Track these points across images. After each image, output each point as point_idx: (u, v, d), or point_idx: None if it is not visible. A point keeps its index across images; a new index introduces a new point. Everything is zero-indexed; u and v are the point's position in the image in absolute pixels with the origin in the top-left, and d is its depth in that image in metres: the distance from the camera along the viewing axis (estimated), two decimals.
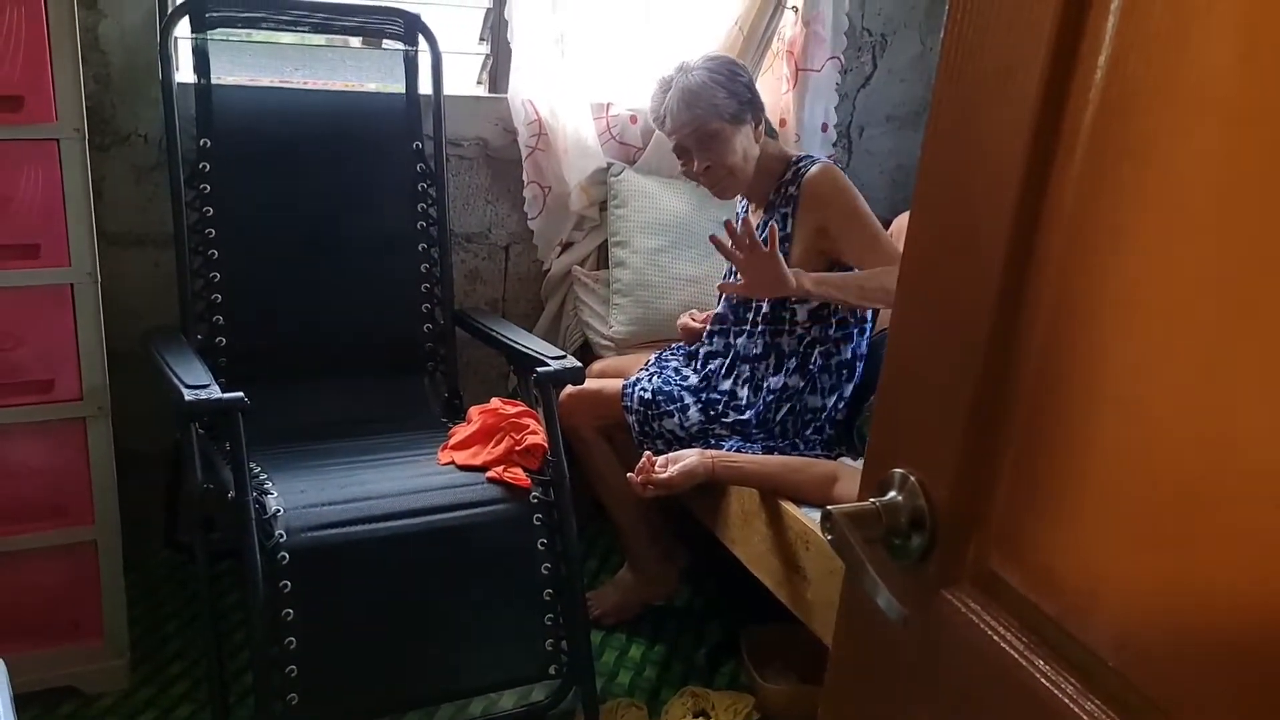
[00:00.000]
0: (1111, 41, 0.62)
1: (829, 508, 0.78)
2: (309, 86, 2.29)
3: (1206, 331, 0.57)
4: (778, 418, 2.05)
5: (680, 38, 2.52)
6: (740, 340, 2.12)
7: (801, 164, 2.03)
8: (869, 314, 2.06)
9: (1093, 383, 0.65)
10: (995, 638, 0.72)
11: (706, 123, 1.98)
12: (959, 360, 0.74)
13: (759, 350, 2.09)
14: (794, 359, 2.05)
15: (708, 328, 2.21)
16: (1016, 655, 0.70)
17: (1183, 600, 0.60)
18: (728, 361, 2.14)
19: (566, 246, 2.59)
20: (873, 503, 0.80)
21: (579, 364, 2.02)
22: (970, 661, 0.75)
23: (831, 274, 1.98)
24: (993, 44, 0.71)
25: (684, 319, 2.32)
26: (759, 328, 2.08)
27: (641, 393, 2.11)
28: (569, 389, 2.11)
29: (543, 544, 1.90)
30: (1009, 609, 0.73)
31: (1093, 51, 0.64)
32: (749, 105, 2.02)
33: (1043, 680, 0.68)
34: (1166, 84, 0.59)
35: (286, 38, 2.28)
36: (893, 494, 0.80)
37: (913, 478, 0.79)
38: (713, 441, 2.06)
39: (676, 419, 2.08)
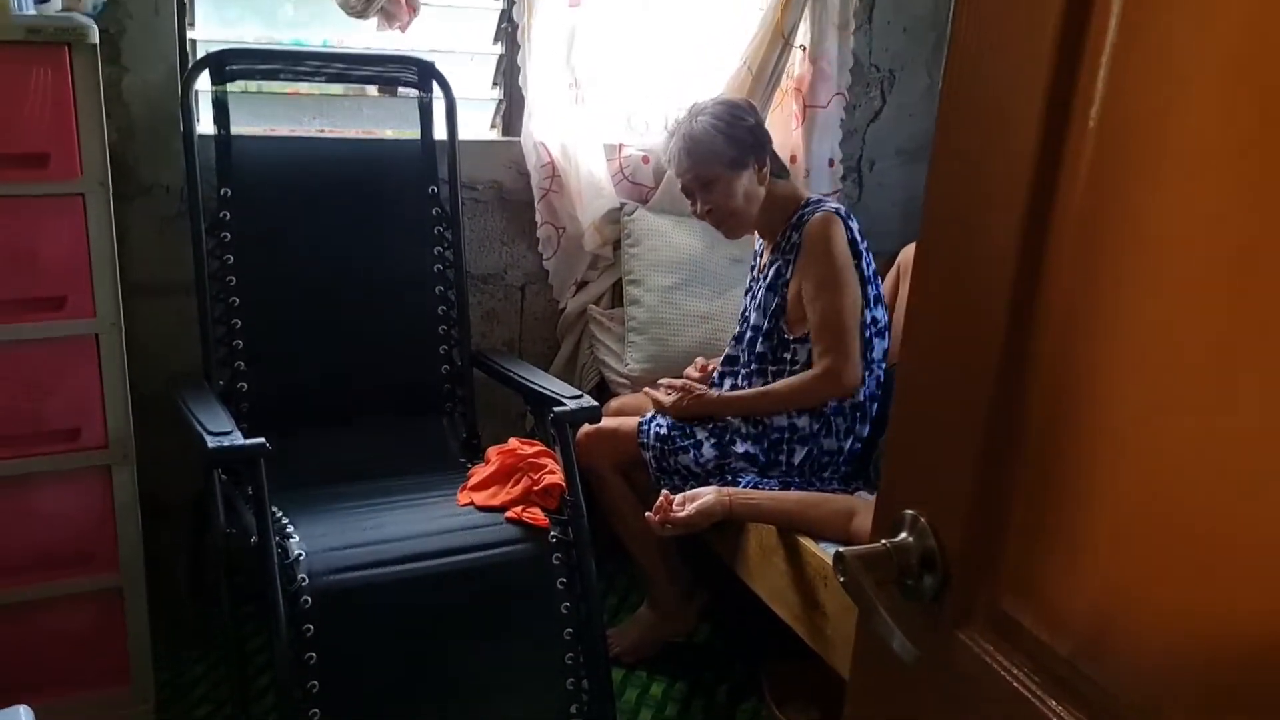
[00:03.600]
0: (1104, 84, 0.64)
1: (840, 550, 0.79)
2: (326, 135, 2.33)
3: (1209, 374, 0.58)
4: (795, 461, 2.07)
5: (691, 79, 2.55)
6: (745, 381, 2.15)
7: (807, 209, 2.07)
8: (873, 354, 2.07)
9: (1100, 424, 0.66)
10: (1009, 678, 0.73)
11: (707, 169, 2.05)
12: (967, 402, 0.76)
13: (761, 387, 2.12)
14: None
15: (718, 369, 2.23)
16: (1030, 696, 0.71)
17: (1195, 637, 0.61)
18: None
19: (581, 286, 2.62)
20: (884, 544, 0.81)
21: (595, 403, 2.05)
22: (985, 702, 0.76)
23: (741, 396, 2.11)
24: (992, 83, 0.73)
25: (689, 370, 2.33)
26: (759, 366, 2.11)
27: (657, 429, 2.13)
28: (586, 428, 2.13)
29: (562, 583, 1.91)
30: (1022, 649, 0.73)
31: (1088, 91, 0.65)
32: (751, 150, 2.06)
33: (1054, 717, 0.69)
34: (1158, 135, 0.61)
35: (304, 88, 2.33)
36: (904, 535, 0.81)
37: (923, 519, 0.80)
38: (729, 477, 2.08)
39: (692, 455, 2.09)
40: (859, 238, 2.07)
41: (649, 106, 2.57)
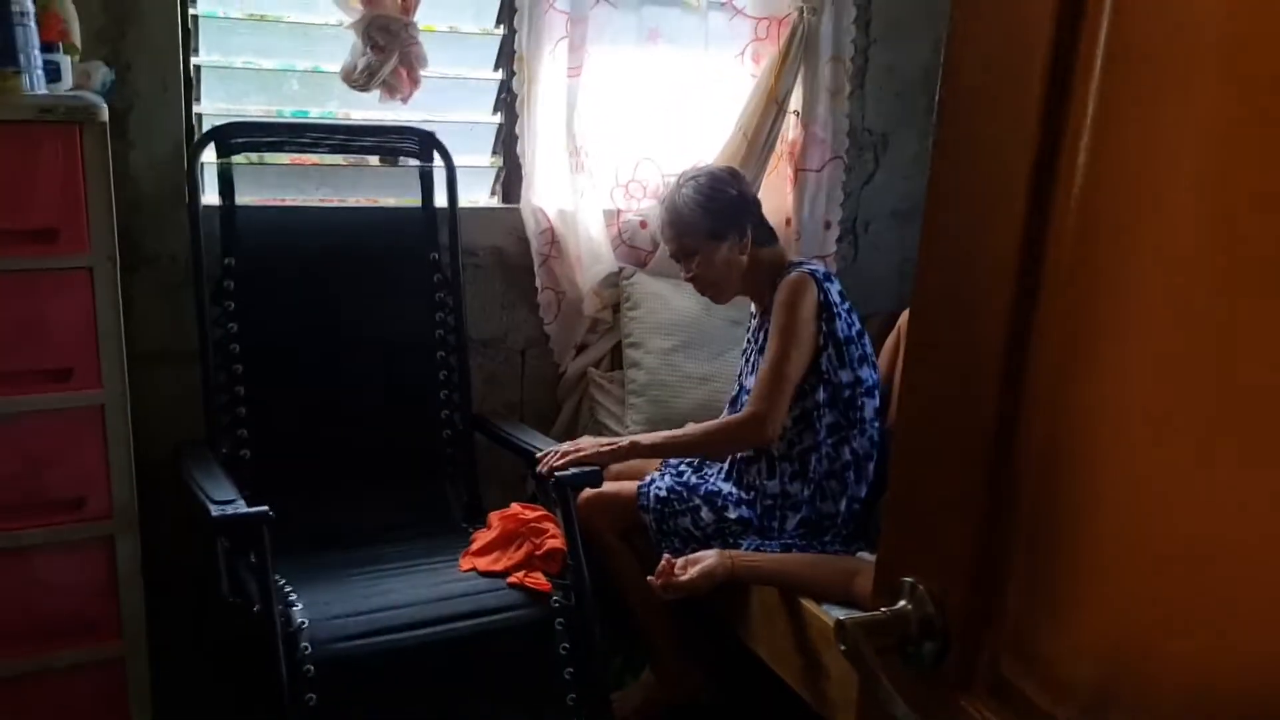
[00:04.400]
0: (1086, 151, 0.67)
1: (841, 619, 0.80)
2: (329, 204, 2.37)
3: (1206, 433, 0.60)
4: (789, 527, 2.08)
5: (688, 145, 2.60)
6: None
7: (785, 271, 2.11)
8: (863, 414, 2.09)
9: (1096, 481, 0.67)
10: None
11: (688, 240, 2.13)
12: (962, 468, 0.77)
13: (750, 453, 2.15)
14: (787, 464, 2.10)
15: None
16: None
17: (1200, 693, 0.62)
18: (725, 464, 2.20)
19: (581, 349, 2.65)
20: (884, 611, 0.82)
21: (596, 468, 2.06)
22: None
23: (662, 439, 2.14)
24: (979, 162, 0.76)
25: None
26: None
27: (657, 492, 2.14)
28: (587, 492, 2.13)
29: (565, 648, 1.91)
30: (1024, 715, 0.74)
31: (1071, 157, 0.68)
32: (730, 222, 2.11)
33: None
34: (1138, 199, 0.63)
35: (307, 159, 2.37)
36: (903, 602, 0.82)
37: (921, 586, 0.81)
38: (730, 540, 2.08)
39: (690, 518, 2.10)
40: (838, 299, 2.09)
41: (646, 172, 2.61)
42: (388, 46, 2.16)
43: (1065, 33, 0.67)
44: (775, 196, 2.72)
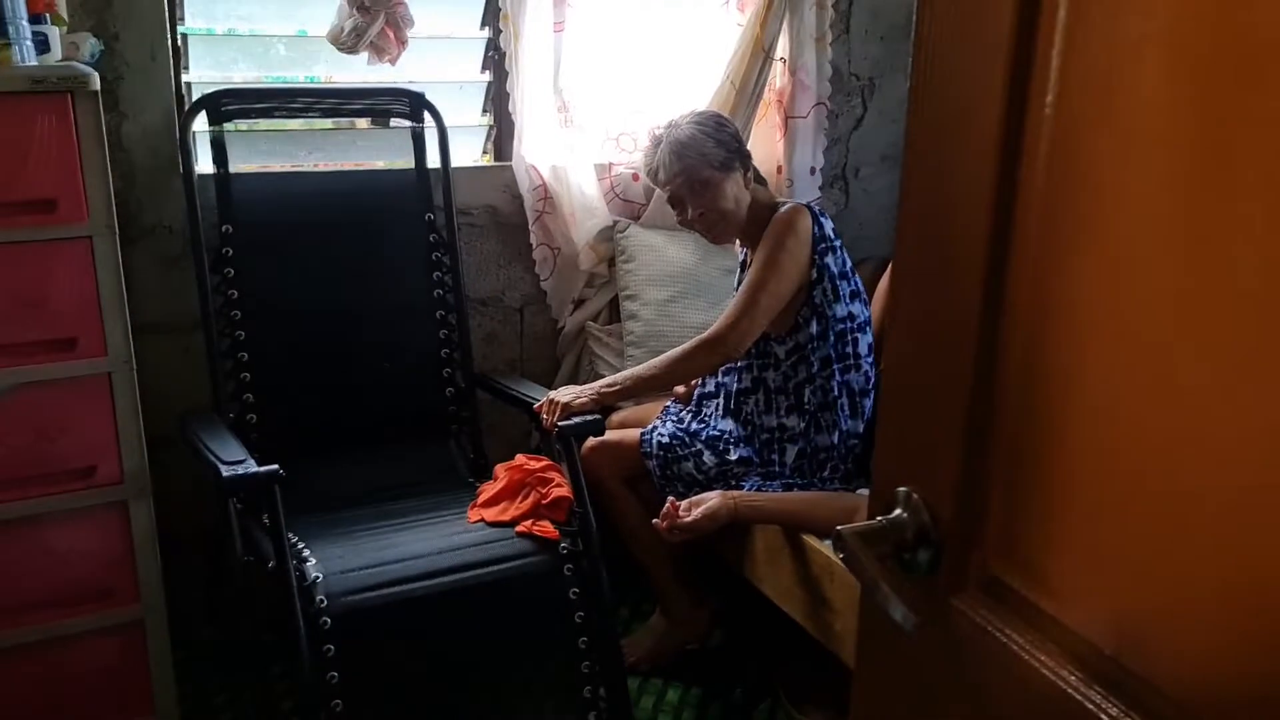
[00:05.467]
0: (1056, 82, 0.69)
1: (840, 528, 0.84)
2: (322, 169, 2.38)
3: (1163, 341, 0.63)
4: (788, 460, 2.11)
5: (676, 95, 2.61)
6: (729, 378, 2.20)
7: (780, 208, 2.12)
8: (856, 349, 2.11)
9: (1068, 393, 0.71)
10: (1003, 638, 0.77)
11: (698, 171, 2.08)
12: (947, 382, 0.80)
13: (747, 385, 2.18)
14: (783, 397, 2.13)
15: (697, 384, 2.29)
16: (1023, 653, 0.75)
17: (1166, 588, 0.65)
18: (721, 400, 2.22)
19: (579, 304, 2.67)
20: (881, 520, 0.86)
21: (599, 416, 2.09)
22: (983, 663, 0.80)
23: (642, 371, 2.16)
24: (954, 88, 0.78)
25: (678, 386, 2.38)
26: (744, 363, 2.15)
27: (660, 438, 2.18)
28: (590, 441, 2.17)
29: (575, 593, 1.95)
30: (1013, 610, 0.78)
31: (1041, 91, 0.70)
32: (736, 154, 2.11)
33: (1048, 674, 0.73)
34: (1106, 116, 0.66)
35: (298, 124, 2.38)
36: (898, 511, 0.86)
37: (915, 495, 0.85)
38: (733, 482, 2.12)
39: (692, 463, 2.14)
40: (831, 234, 2.11)
41: (637, 124, 2.63)
42: (373, 8, 2.17)
43: None
44: (765, 144, 2.74)
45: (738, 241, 2.26)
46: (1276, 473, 0.56)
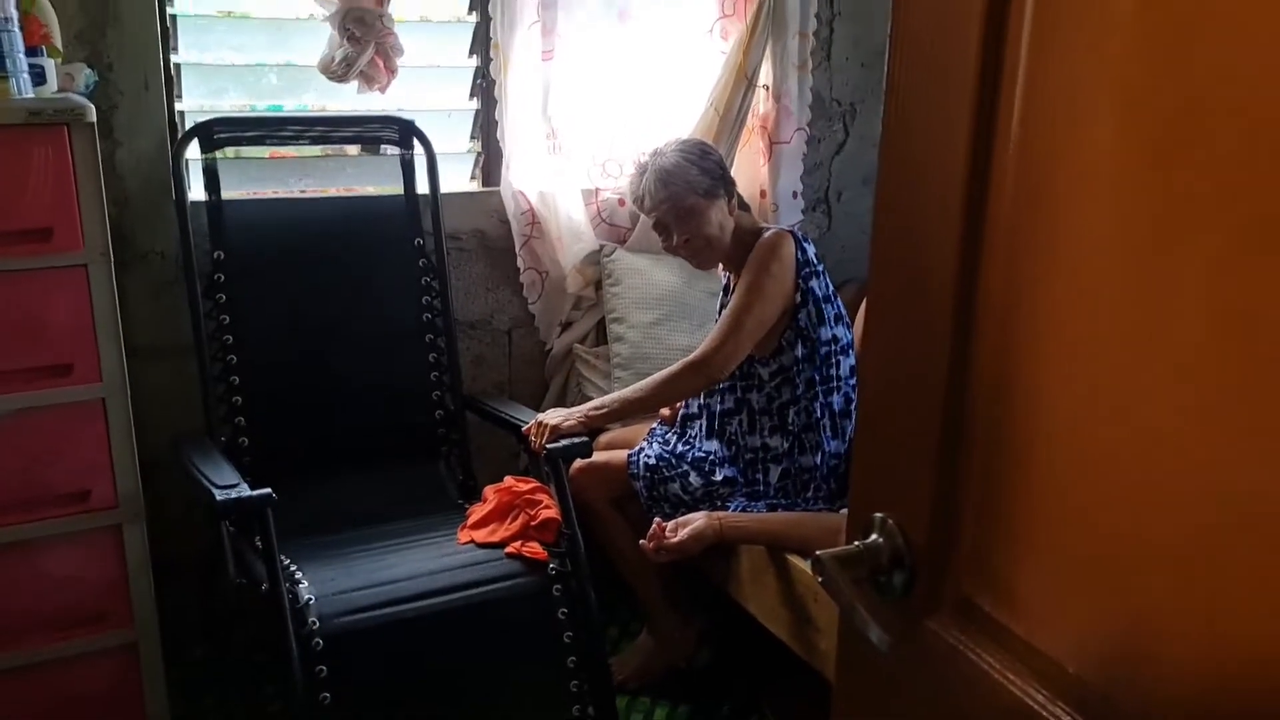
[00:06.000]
0: (1018, 124, 0.74)
1: (819, 553, 0.87)
2: (313, 195, 2.42)
3: (1120, 370, 0.67)
4: (772, 480, 2.15)
5: (661, 122, 2.65)
6: (713, 399, 2.24)
7: (764, 233, 2.16)
8: (838, 371, 2.16)
9: (1035, 421, 0.74)
10: (974, 658, 0.81)
11: (683, 199, 2.12)
12: (920, 410, 0.84)
13: (730, 406, 2.21)
14: (766, 418, 2.17)
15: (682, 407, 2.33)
16: (993, 672, 0.79)
17: (1127, 609, 0.69)
18: (705, 421, 2.26)
19: (566, 326, 2.71)
20: (857, 545, 0.90)
21: (587, 438, 2.12)
22: (956, 682, 0.83)
23: (629, 394, 2.20)
24: (923, 126, 0.82)
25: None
26: (728, 384, 2.19)
27: (646, 459, 2.21)
28: (578, 463, 2.20)
29: (564, 613, 1.98)
30: (984, 631, 0.81)
31: (1005, 131, 0.75)
32: (721, 181, 2.16)
33: (1016, 691, 0.76)
34: (1065, 157, 0.70)
35: (289, 151, 2.42)
36: (874, 536, 0.89)
37: (890, 520, 0.88)
38: (719, 503, 2.15)
39: (679, 483, 2.17)
40: (814, 259, 2.16)
41: (623, 151, 2.67)
42: (363, 38, 2.20)
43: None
44: (748, 169, 2.79)
45: (721, 266, 2.30)
46: (1231, 499, 0.60)
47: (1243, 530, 0.60)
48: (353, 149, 2.49)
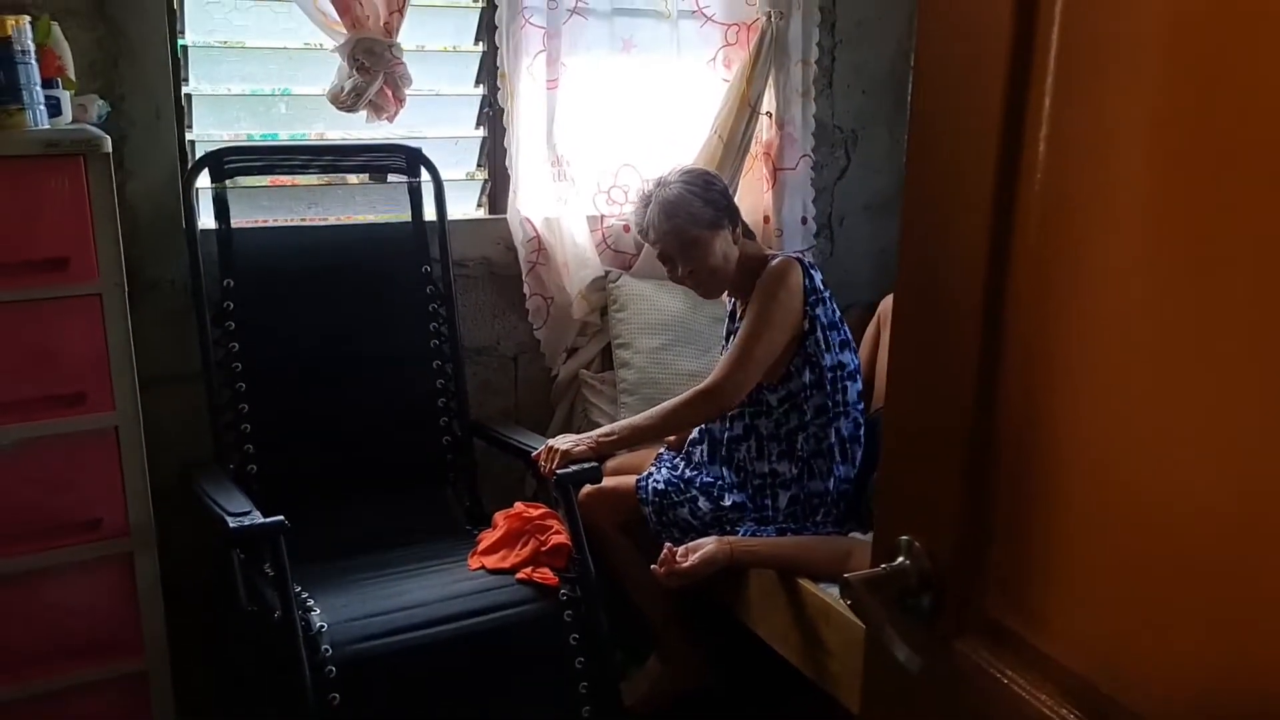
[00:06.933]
0: (1044, 162, 0.75)
1: (847, 575, 0.88)
2: (322, 222, 2.44)
3: (1145, 397, 0.69)
4: (781, 505, 2.16)
5: (666, 149, 2.68)
6: (721, 425, 2.25)
7: (770, 260, 2.18)
8: (846, 397, 2.17)
9: (1063, 444, 0.76)
10: (1003, 679, 0.82)
11: (686, 231, 2.14)
12: (946, 433, 0.86)
13: (739, 432, 2.23)
14: (775, 444, 2.18)
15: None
16: (1023, 693, 0.80)
17: (1156, 628, 0.70)
18: (708, 446, 2.27)
19: (572, 352, 2.72)
20: (884, 568, 0.91)
21: (597, 464, 2.13)
22: (985, 703, 0.84)
23: (639, 421, 2.21)
24: (949, 157, 0.84)
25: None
26: (736, 410, 2.20)
27: (655, 484, 2.22)
28: (587, 488, 2.21)
29: (575, 639, 1.98)
30: (1012, 651, 0.82)
31: (1031, 169, 0.76)
32: (725, 211, 2.17)
33: (1047, 712, 0.77)
34: (1092, 194, 0.72)
35: (298, 179, 2.44)
36: (901, 559, 0.91)
37: (917, 543, 0.90)
38: (727, 528, 2.16)
39: (688, 509, 2.18)
40: (821, 286, 2.17)
41: (628, 178, 2.69)
42: (373, 68, 2.23)
43: (1023, 31, 0.76)
44: (752, 195, 2.81)
45: (727, 294, 2.31)
46: (1255, 521, 0.62)
47: (1274, 561, 0.61)
48: (356, 177, 2.51)
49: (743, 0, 2.71)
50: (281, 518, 1.83)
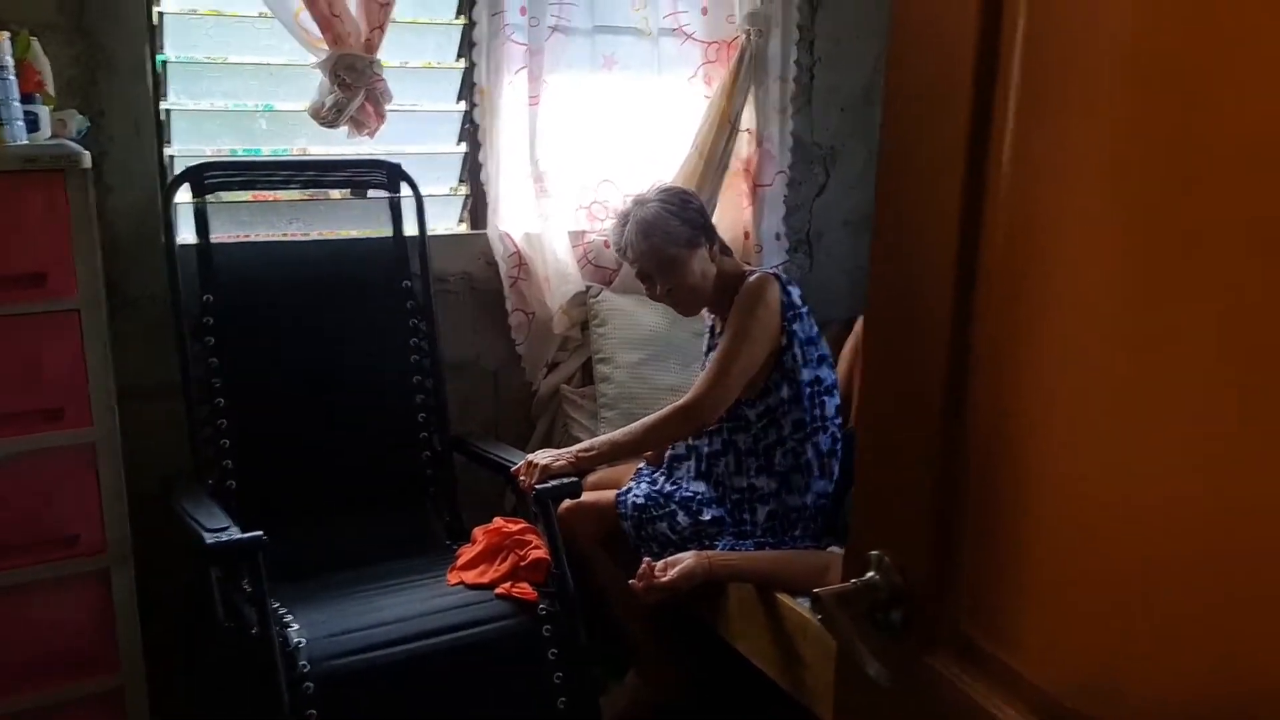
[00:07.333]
0: (1008, 188, 0.77)
1: (817, 590, 0.89)
2: (302, 237, 2.44)
3: (1109, 415, 0.70)
4: (759, 519, 2.17)
5: (647, 166, 2.70)
6: (700, 440, 2.26)
7: (748, 276, 2.20)
8: (824, 412, 2.19)
9: (1030, 461, 0.77)
10: (972, 694, 0.83)
11: (664, 250, 2.15)
12: (917, 454, 0.87)
13: (717, 447, 2.23)
14: (753, 459, 2.19)
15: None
16: (992, 709, 0.81)
17: (1122, 645, 0.72)
18: (693, 462, 2.28)
19: (553, 367, 2.73)
20: (855, 582, 0.92)
21: (576, 479, 2.14)
22: (955, 718, 0.85)
23: (619, 437, 2.21)
24: (918, 177, 0.85)
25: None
26: (715, 426, 2.21)
27: (634, 499, 2.23)
28: (567, 503, 2.21)
29: (554, 654, 1.98)
30: (981, 666, 0.83)
31: (995, 193, 0.78)
32: (702, 230, 2.19)
33: None
34: (1055, 219, 0.73)
35: (280, 195, 2.44)
36: (872, 574, 0.92)
37: (888, 558, 0.91)
38: (706, 542, 2.17)
39: (667, 523, 2.19)
40: (798, 302, 2.19)
41: (608, 193, 2.71)
42: (354, 84, 2.24)
43: (988, 53, 0.78)
44: (732, 211, 2.83)
45: (706, 310, 2.33)
46: (1220, 533, 0.63)
47: (1239, 576, 0.62)
48: (339, 192, 2.51)
49: (723, 18, 2.73)
50: (260, 534, 1.82)
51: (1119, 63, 0.68)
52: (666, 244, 2.15)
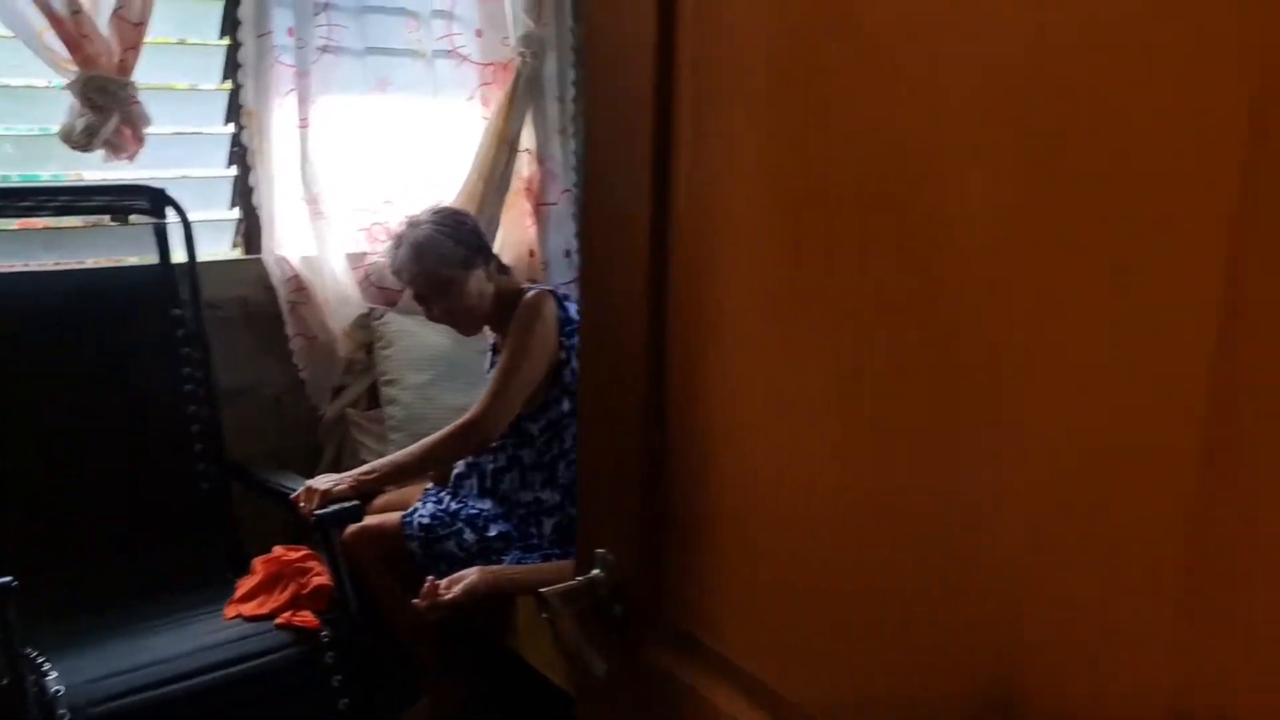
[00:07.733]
0: (685, 204, 0.83)
1: (542, 590, 0.93)
2: (54, 268, 2.33)
3: (768, 426, 0.76)
4: (546, 532, 2.21)
5: (427, 187, 2.70)
6: (485, 457, 2.28)
7: (526, 293, 2.23)
8: None
9: (715, 466, 0.83)
10: (685, 681, 0.88)
11: (438, 272, 2.16)
12: (623, 451, 0.92)
13: (502, 463, 2.26)
14: (538, 473, 2.23)
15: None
16: (709, 700, 0.86)
17: (796, 621, 0.78)
18: (477, 480, 2.30)
19: (338, 391, 2.69)
20: (579, 580, 0.96)
21: (357, 502, 2.12)
22: (672, 707, 0.90)
23: (400, 459, 2.20)
24: (616, 199, 0.90)
25: None
26: (499, 442, 2.24)
27: (421, 519, 2.22)
28: (351, 527, 2.19)
29: (338, 680, 1.96)
30: (692, 655, 0.88)
31: (678, 206, 0.84)
32: (477, 250, 2.21)
33: (722, 708, 0.84)
34: (721, 236, 0.80)
35: (35, 222, 2.32)
36: (596, 571, 0.96)
37: (610, 555, 0.95)
38: (494, 558, 2.19)
39: (454, 541, 2.19)
40: (575, 317, 2.23)
41: (388, 214, 2.70)
42: (106, 106, 2.16)
43: (665, 63, 0.83)
44: (516, 230, 2.87)
45: (488, 328, 2.35)
46: (853, 516, 0.70)
47: (873, 549, 0.69)
48: (84, 220, 2.40)
49: (498, 40, 2.77)
50: (9, 579, 1.73)
51: (761, 66, 0.74)
52: (440, 265, 2.16)
